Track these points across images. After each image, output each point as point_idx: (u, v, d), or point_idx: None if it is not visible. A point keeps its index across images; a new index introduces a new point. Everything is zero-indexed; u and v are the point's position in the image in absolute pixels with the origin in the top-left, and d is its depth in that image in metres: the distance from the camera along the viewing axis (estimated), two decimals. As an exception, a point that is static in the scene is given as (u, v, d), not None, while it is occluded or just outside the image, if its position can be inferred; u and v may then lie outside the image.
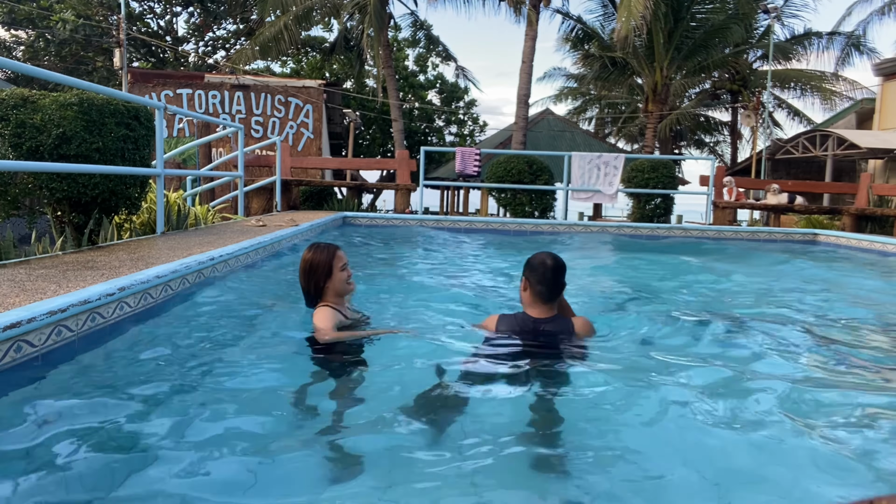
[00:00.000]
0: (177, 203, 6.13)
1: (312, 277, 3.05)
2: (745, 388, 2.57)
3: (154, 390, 2.33)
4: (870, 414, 2.35)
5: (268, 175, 11.41)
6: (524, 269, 3.00)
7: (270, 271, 4.90)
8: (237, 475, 1.77)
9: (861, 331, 3.84)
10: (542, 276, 2.94)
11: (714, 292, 5.22)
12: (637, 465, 1.93)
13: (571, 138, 24.90)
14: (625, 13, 15.93)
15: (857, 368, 2.94)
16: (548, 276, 2.94)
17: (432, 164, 25.90)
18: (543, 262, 2.96)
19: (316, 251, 3.10)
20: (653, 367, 2.80)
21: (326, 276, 3.04)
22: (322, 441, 2.01)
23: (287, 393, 2.43)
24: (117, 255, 3.90)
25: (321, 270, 3.04)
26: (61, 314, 2.37)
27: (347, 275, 3.10)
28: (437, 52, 27.47)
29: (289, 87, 18.25)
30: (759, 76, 25.16)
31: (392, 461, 1.89)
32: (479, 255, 7.29)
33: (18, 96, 4.48)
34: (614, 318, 3.90)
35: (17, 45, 24.80)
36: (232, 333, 3.16)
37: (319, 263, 3.04)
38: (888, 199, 11.67)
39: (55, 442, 1.85)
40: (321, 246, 3.14)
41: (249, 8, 26.23)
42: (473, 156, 11.61)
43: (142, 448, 1.89)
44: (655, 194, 12.44)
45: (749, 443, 2.07)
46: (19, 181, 4.66)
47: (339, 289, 3.08)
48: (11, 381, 2.11)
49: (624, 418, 2.27)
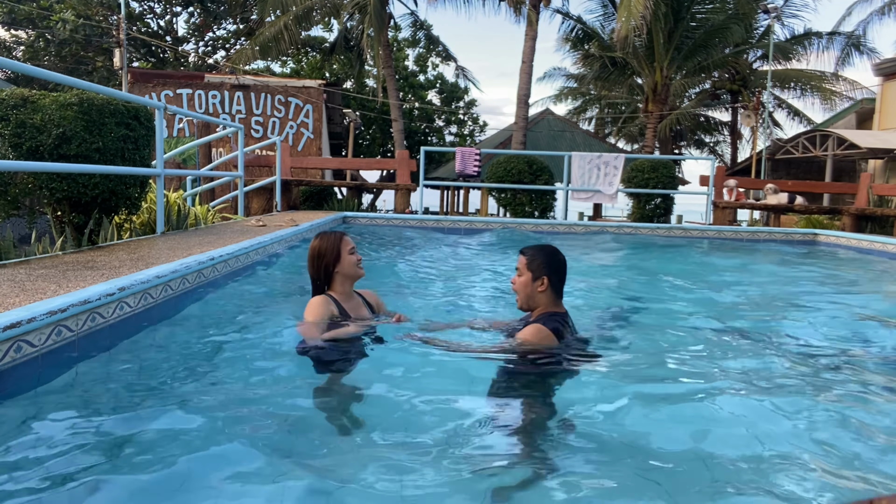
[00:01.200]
0: (177, 203, 6.12)
1: (321, 263, 3.05)
2: (742, 389, 2.57)
3: (154, 391, 2.33)
4: (873, 415, 2.35)
5: (268, 175, 11.40)
6: (542, 267, 2.84)
7: (270, 271, 4.90)
8: (236, 476, 1.77)
9: (862, 331, 3.84)
10: (563, 273, 2.90)
11: (714, 292, 5.21)
12: (638, 464, 1.93)
13: (571, 138, 24.89)
14: (625, 13, 15.92)
15: (859, 369, 2.94)
16: (564, 273, 2.91)
17: (432, 164, 25.89)
18: (562, 259, 2.91)
19: (323, 237, 3.12)
20: (653, 367, 2.80)
21: (336, 261, 3.05)
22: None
23: (281, 402, 2.34)
24: (117, 255, 3.90)
25: (330, 255, 3.04)
26: (61, 314, 2.36)
27: (357, 258, 3.10)
28: (437, 52, 27.48)
29: (289, 87, 18.24)
30: (759, 76, 25.15)
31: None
32: (480, 255, 7.29)
33: (18, 96, 4.48)
34: (614, 318, 3.90)
35: (17, 45, 24.79)
36: (232, 334, 3.16)
37: (327, 248, 3.05)
38: (888, 199, 11.66)
39: (55, 442, 1.85)
40: (327, 232, 3.16)
41: (249, 8, 26.21)
42: (473, 156, 11.61)
43: (141, 448, 1.89)
44: (655, 194, 12.43)
45: (748, 443, 2.07)
46: (19, 181, 4.66)
47: (349, 272, 3.08)
48: (11, 381, 2.11)
49: (634, 416, 2.27)
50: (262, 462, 1.83)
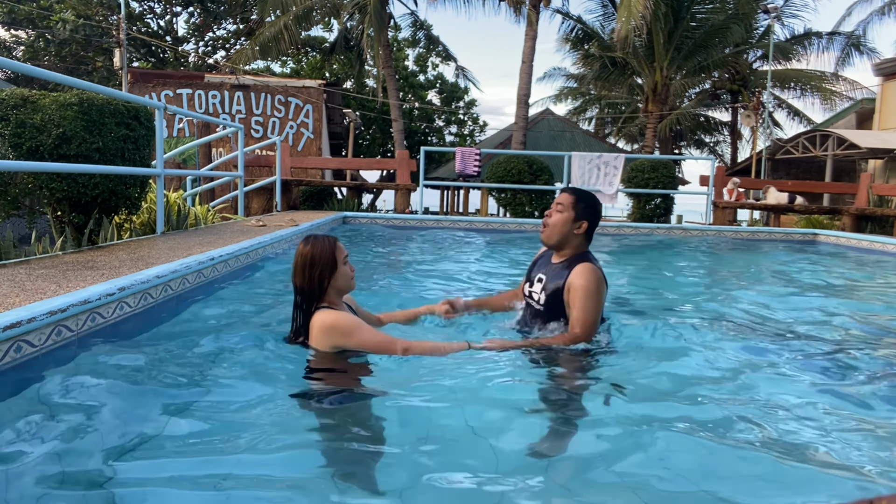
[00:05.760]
0: (177, 203, 6.12)
1: (314, 272, 2.64)
2: (741, 389, 2.57)
3: (155, 391, 2.32)
4: (873, 414, 2.35)
5: (268, 175, 11.41)
6: (585, 211, 2.94)
7: (270, 271, 4.90)
8: (234, 476, 1.77)
9: (863, 332, 3.84)
10: (596, 225, 3.00)
11: (713, 293, 5.22)
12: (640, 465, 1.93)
13: (571, 138, 24.90)
14: (625, 13, 15.93)
15: (859, 368, 2.94)
16: (596, 227, 3.01)
17: (432, 164, 25.89)
18: (600, 213, 3.01)
19: (315, 243, 2.69)
20: (649, 366, 2.80)
21: (331, 272, 2.66)
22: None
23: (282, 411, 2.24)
24: (117, 255, 3.90)
25: (325, 265, 2.65)
26: (61, 314, 2.36)
27: (352, 270, 2.75)
28: (437, 52, 27.50)
29: (289, 87, 18.25)
30: (759, 76, 25.16)
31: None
32: (480, 255, 7.29)
33: (18, 96, 4.48)
34: (613, 318, 3.90)
35: (17, 45, 24.79)
36: (233, 334, 3.15)
37: (321, 257, 2.65)
38: (888, 199, 11.66)
39: (55, 442, 1.85)
40: (319, 238, 2.73)
41: (249, 8, 26.22)
42: (473, 156, 11.61)
43: (141, 449, 1.89)
44: (655, 194, 12.44)
45: (748, 443, 2.07)
46: (19, 181, 4.66)
47: (343, 285, 2.72)
48: (11, 381, 2.11)
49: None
50: (263, 467, 1.83)
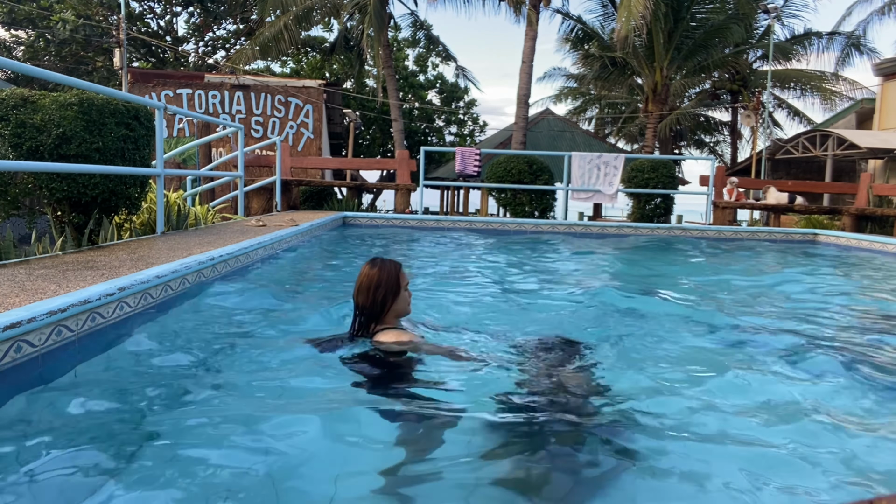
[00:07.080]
0: (177, 203, 6.13)
1: (378, 294, 2.76)
2: (740, 388, 2.57)
3: (155, 391, 2.33)
4: (873, 414, 2.35)
5: (268, 175, 11.41)
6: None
7: (270, 271, 4.90)
8: (236, 478, 1.76)
9: (863, 332, 3.84)
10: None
11: (713, 293, 5.21)
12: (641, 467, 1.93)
13: (571, 138, 24.90)
14: (625, 13, 15.92)
15: (859, 368, 2.94)
16: None
17: (432, 164, 25.90)
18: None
19: (382, 266, 2.81)
20: (647, 368, 2.80)
21: (394, 295, 2.79)
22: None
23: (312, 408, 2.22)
24: (117, 255, 3.90)
25: (390, 288, 2.77)
26: (61, 314, 2.37)
27: (409, 295, 2.89)
28: (437, 52, 27.50)
29: (289, 87, 18.25)
30: (759, 76, 25.16)
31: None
32: (479, 255, 7.29)
33: (18, 96, 4.48)
34: (612, 318, 3.90)
35: (17, 45, 24.78)
36: (233, 335, 3.16)
37: (387, 280, 2.78)
38: (888, 199, 11.67)
39: (55, 442, 1.85)
40: (385, 262, 2.86)
41: (249, 8, 26.22)
42: (473, 156, 11.61)
43: (142, 449, 1.89)
44: (655, 194, 12.44)
45: (747, 442, 2.07)
46: (19, 181, 4.66)
47: (402, 309, 2.85)
48: (11, 381, 2.11)
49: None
50: (266, 468, 1.83)
